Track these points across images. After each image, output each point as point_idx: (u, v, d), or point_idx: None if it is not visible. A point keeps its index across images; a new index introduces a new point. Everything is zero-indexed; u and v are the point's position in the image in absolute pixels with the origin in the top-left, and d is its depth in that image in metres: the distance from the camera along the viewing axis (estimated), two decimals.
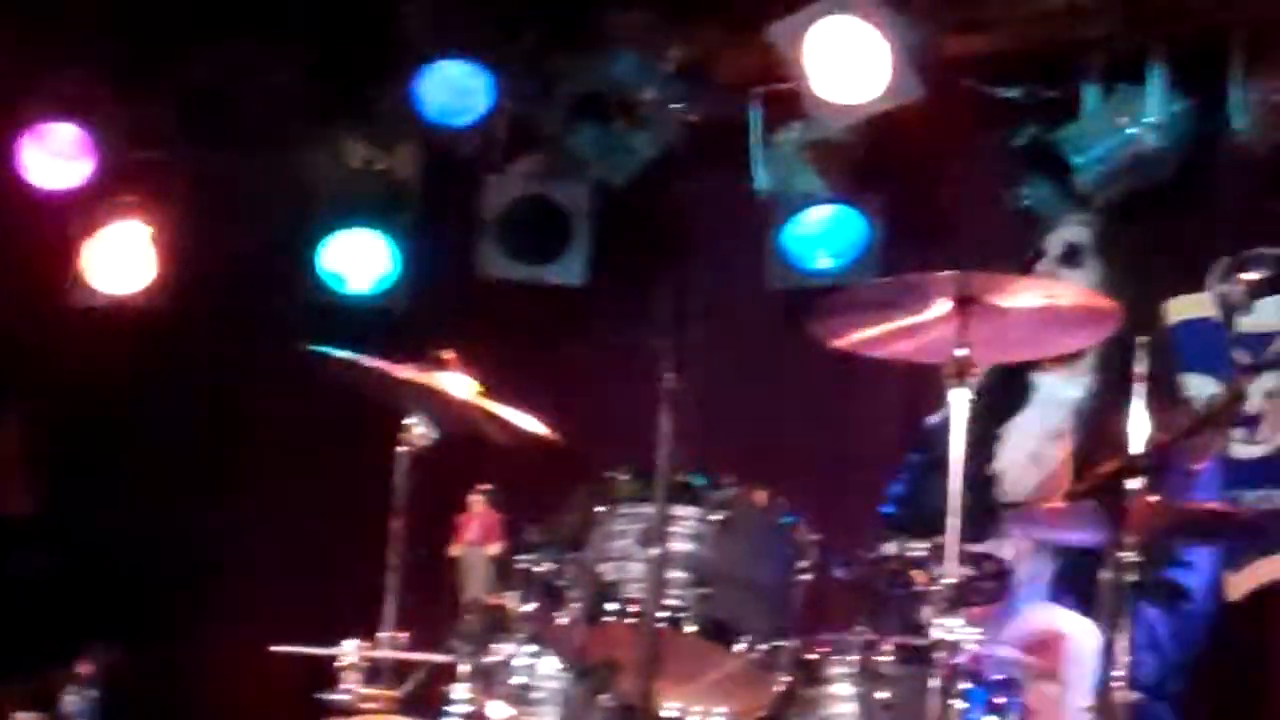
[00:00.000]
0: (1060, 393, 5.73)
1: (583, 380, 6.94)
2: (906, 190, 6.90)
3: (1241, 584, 6.36)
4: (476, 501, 5.37)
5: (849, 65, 6.40)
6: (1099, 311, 4.99)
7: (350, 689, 4.94)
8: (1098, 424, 5.58)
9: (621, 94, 7.03)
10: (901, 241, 6.83)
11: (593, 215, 7.27)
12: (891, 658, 4.89)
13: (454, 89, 7.18)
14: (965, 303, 4.82)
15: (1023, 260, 5.77)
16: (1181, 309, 6.48)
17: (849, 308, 5.11)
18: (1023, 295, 4.93)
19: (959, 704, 4.73)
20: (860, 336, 5.06)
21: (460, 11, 7.05)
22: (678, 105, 7.02)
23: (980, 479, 5.47)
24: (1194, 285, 6.38)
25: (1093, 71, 6.57)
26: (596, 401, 6.56)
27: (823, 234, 6.96)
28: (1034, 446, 5.67)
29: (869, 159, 6.86)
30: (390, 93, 7.28)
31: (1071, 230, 5.83)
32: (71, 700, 6.25)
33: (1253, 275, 5.43)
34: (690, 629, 4.90)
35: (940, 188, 6.85)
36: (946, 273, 4.88)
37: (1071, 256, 5.77)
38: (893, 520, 5.57)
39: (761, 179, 7.04)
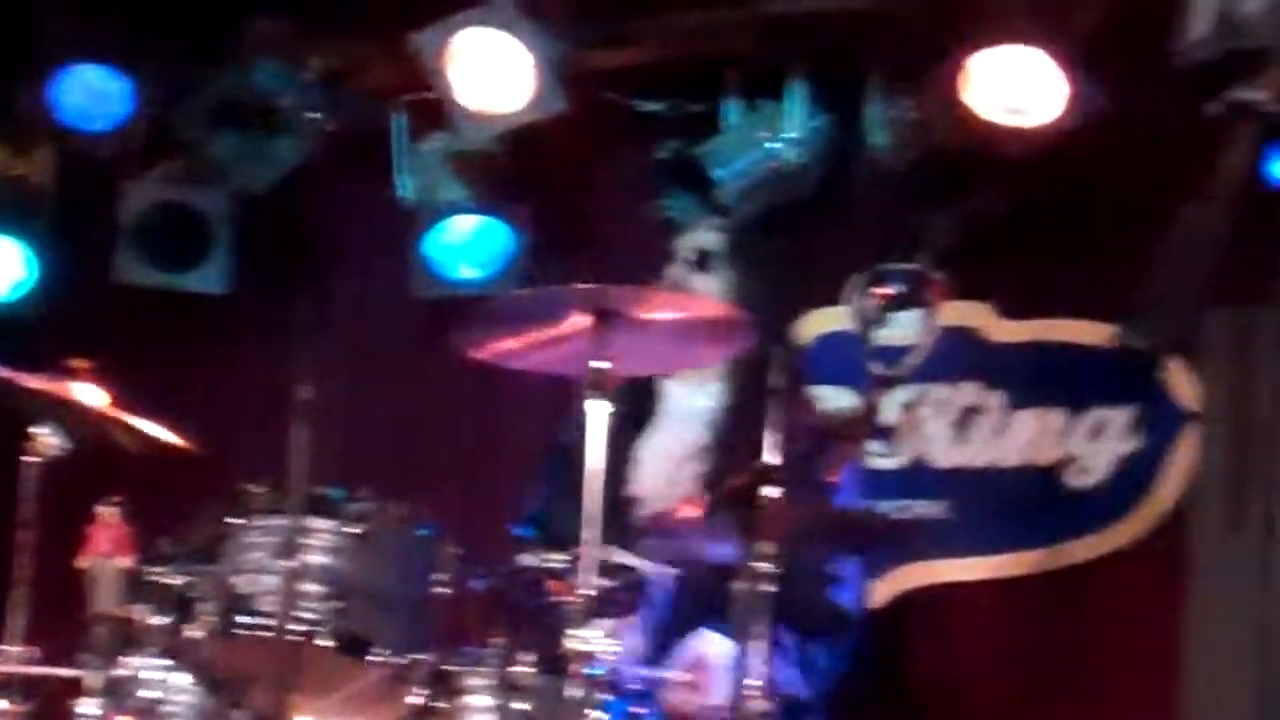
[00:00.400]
0: (690, 404, 5.78)
1: (222, 390, 6.91)
2: (551, 202, 6.93)
3: (883, 592, 6.50)
4: (106, 513, 5.19)
5: (492, 76, 6.42)
6: (734, 324, 5.02)
7: None
8: (730, 435, 5.65)
9: (261, 101, 6.97)
10: (546, 253, 6.89)
11: (233, 222, 7.19)
12: (530, 669, 4.91)
13: (91, 93, 7.03)
14: (604, 316, 4.84)
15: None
16: (820, 322, 6.60)
17: (490, 319, 5.09)
18: (660, 308, 4.98)
19: (597, 714, 4.76)
20: (502, 348, 5.06)
21: (98, 15, 6.91)
22: (318, 114, 7.00)
23: (617, 502, 5.52)
24: (832, 299, 6.43)
25: (734, 87, 6.65)
26: (235, 411, 6.51)
27: (467, 244, 6.99)
28: (670, 469, 5.72)
29: (514, 170, 6.89)
30: (26, 96, 7.11)
31: (703, 236, 5.88)
32: None
33: (888, 290, 5.57)
34: (325, 642, 4.86)
35: (585, 200, 6.92)
36: (584, 285, 4.90)
37: (702, 262, 5.80)
38: (527, 543, 5.47)
39: (406, 188, 7.04)
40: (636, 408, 5.60)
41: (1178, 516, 6.08)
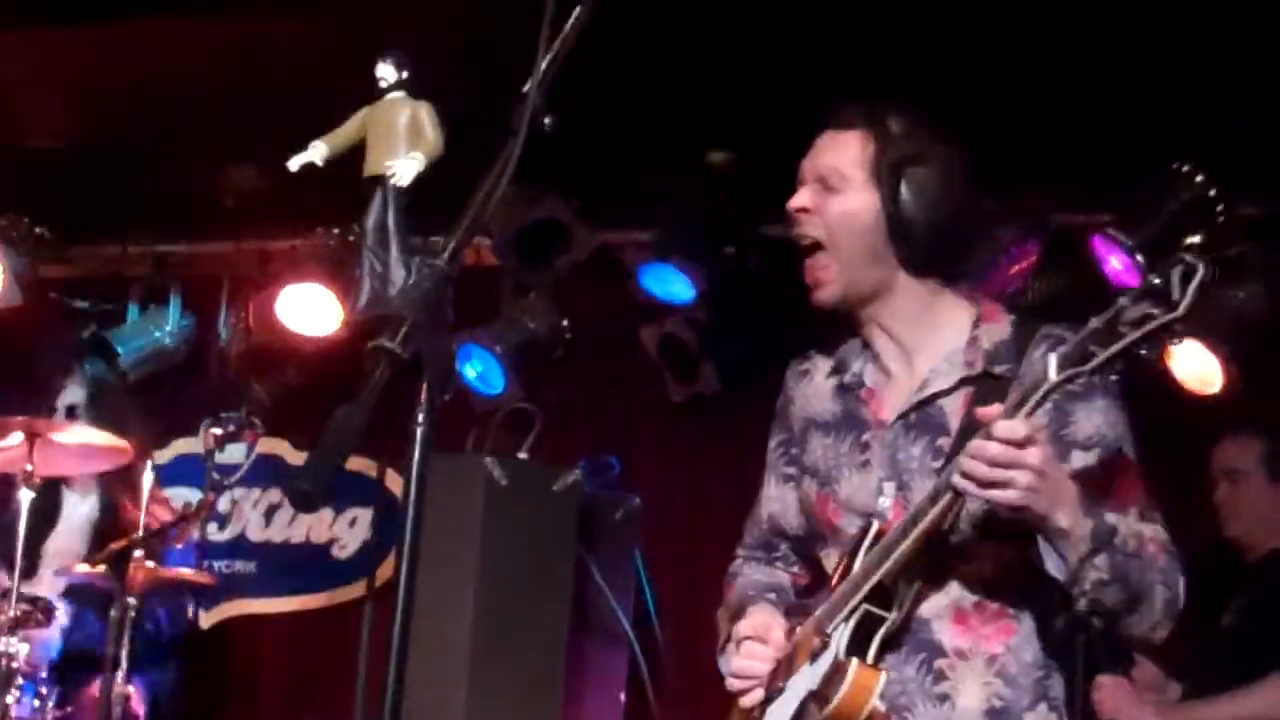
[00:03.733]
0: (79, 508, 5.77)
1: None
2: (8, 360, 6.75)
3: (210, 619, 6.59)
4: None
5: None
6: (117, 448, 5.32)
7: None
8: (107, 520, 5.71)
9: None
10: (3, 391, 6.51)
11: None
12: None
13: None
14: (32, 436, 5.09)
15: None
16: (180, 446, 6.73)
17: None
18: (69, 433, 5.29)
19: (15, 692, 4.93)
20: None
21: None
22: None
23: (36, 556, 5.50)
24: (190, 431, 6.57)
25: (135, 295, 6.77)
26: None
27: None
28: (68, 542, 5.67)
29: None
30: None
31: (71, 392, 5.95)
32: None
33: (223, 430, 5.79)
34: None
35: (30, 361, 6.65)
36: (20, 417, 5.17)
37: (70, 411, 5.90)
38: None
39: None
40: (48, 504, 5.51)
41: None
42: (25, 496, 4.97)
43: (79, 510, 5.73)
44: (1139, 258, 5.21)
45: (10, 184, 6.17)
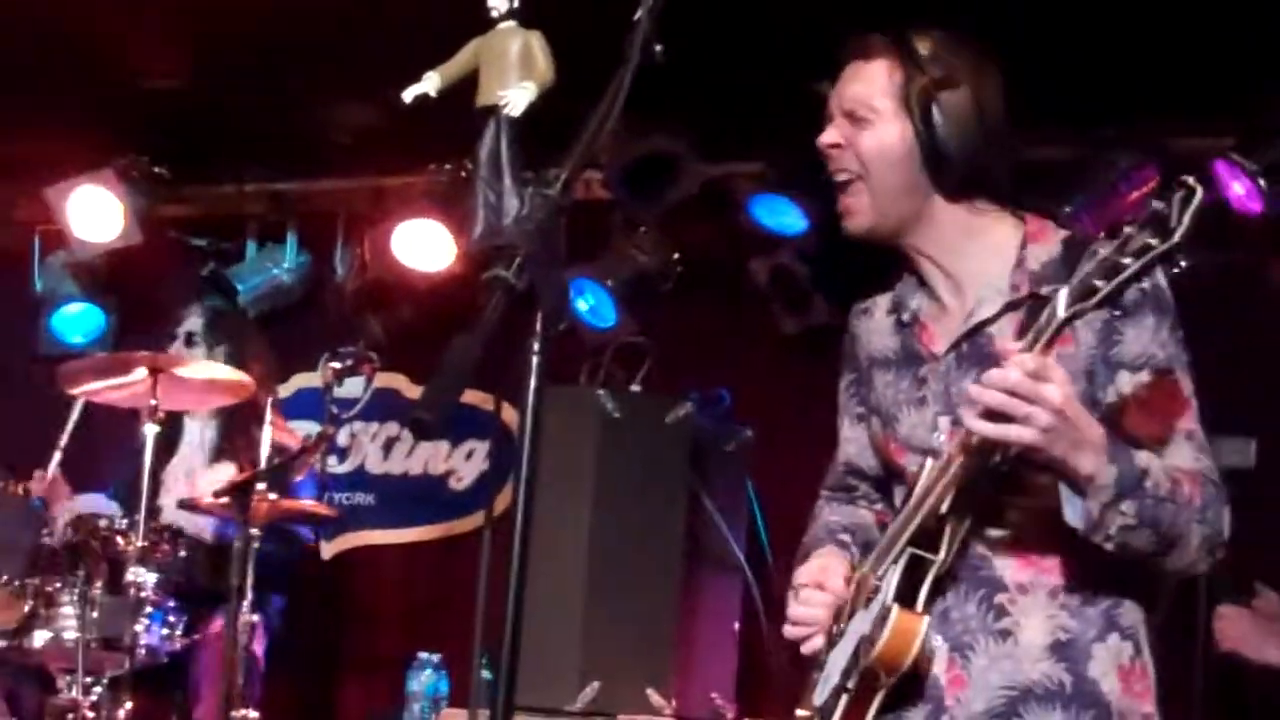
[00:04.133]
0: (200, 435, 5.74)
1: None
2: (131, 296, 6.98)
3: (331, 550, 6.69)
4: None
5: (97, 217, 6.50)
6: (239, 382, 5.33)
7: None
8: (227, 451, 5.65)
9: None
10: (128, 330, 6.91)
11: None
12: (99, 590, 5.01)
13: None
14: (155, 371, 5.11)
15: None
16: (299, 381, 6.76)
17: (84, 370, 5.31)
18: (191, 369, 5.29)
19: (145, 620, 5.01)
20: (89, 388, 5.27)
21: None
22: None
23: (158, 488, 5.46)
24: (311, 366, 6.55)
25: (251, 233, 6.85)
26: None
27: (76, 320, 7.01)
28: (189, 472, 5.63)
29: (108, 276, 6.93)
30: None
31: (190, 321, 5.85)
32: None
33: (340, 363, 5.62)
34: None
35: (153, 299, 6.68)
36: (143, 352, 5.23)
37: (190, 338, 5.78)
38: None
39: (38, 284, 7.07)
40: (169, 433, 5.50)
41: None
42: (150, 431, 5.03)
43: (200, 438, 5.71)
44: (1262, 183, 5.11)
45: (128, 124, 6.25)
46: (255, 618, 5.09)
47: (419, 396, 2.14)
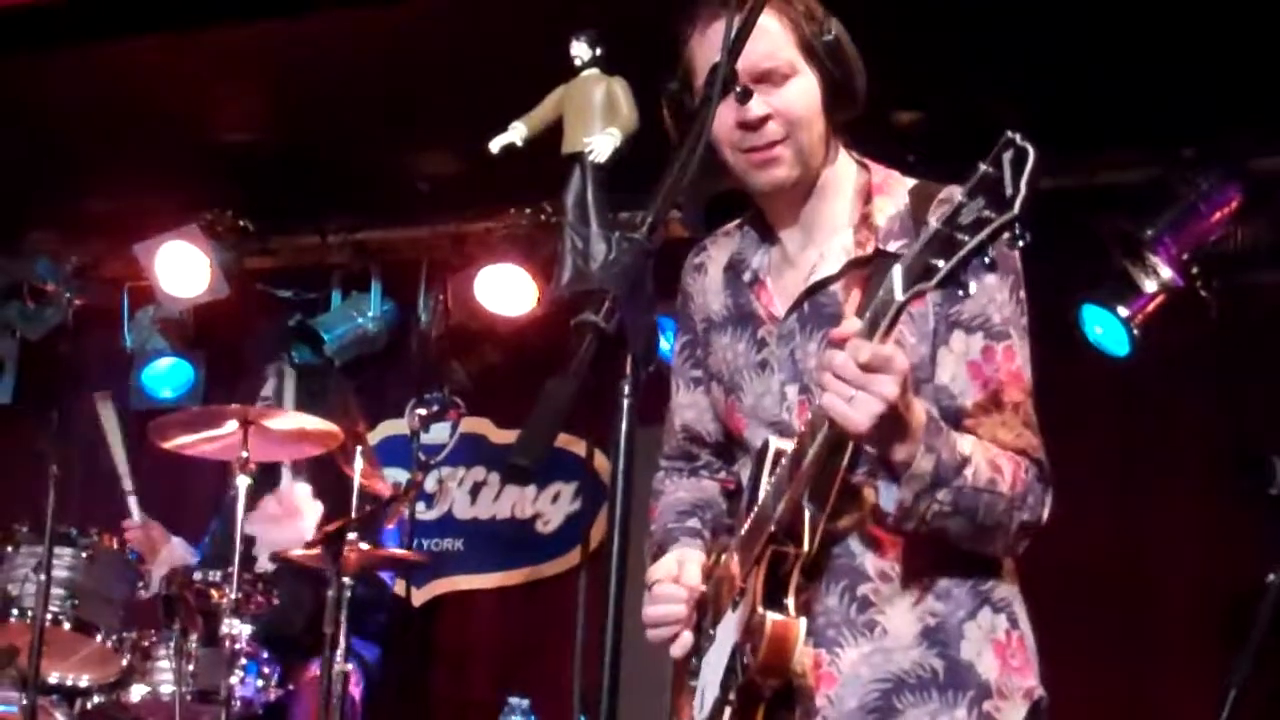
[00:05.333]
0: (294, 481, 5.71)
1: (5, 468, 6.71)
2: (219, 349, 7.02)
3: (421, 596, 6.69)
4: None
5: (184, 272, 6.53)
6: (328, 431, 5.28)
7: None
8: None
9: (36, 283, 7.02)
10: (216, 382, 6.92)
11: (18, 360, 7.23)
12: (195, 643, 5.01)
13: None
14: (245, 423, 5.11)
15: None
16: (387, 428, 6.78)
17: (175, 424, 5.30)
18: (281, 420, 5.26)
19: (240, 672, 4.97)
20: (180, 441, 5.28)
21: None
22: (71, 292, 7.08)
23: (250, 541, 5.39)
24: (397, 413, 6.54)
25: (336, 283, 6.86)
26: (13, 482, 6.29)
27: (165, 375, 7.04)
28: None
29: (196, 331, 7.00)
30: None
31: (272, 382, 5.94)
32: None
33: (423, 411, 5.73)
34: (66, 625, 5.06)
35: (240, 351, 6.83)
36: (235, 406, 5.23)
37: (278, 394, 5.85)
38: (203, 563, 5.47)
39: (128, 339, 7.10)
40: (265, 483, 5.53)
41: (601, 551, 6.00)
42: (242, 483, 5.04)
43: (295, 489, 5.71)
44: None
45: (211, 179, 6.30)
46: (350, 666, 5.06)
47: (515, 442, 2.13)
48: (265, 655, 5.13)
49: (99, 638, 5.08)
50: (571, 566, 6.42)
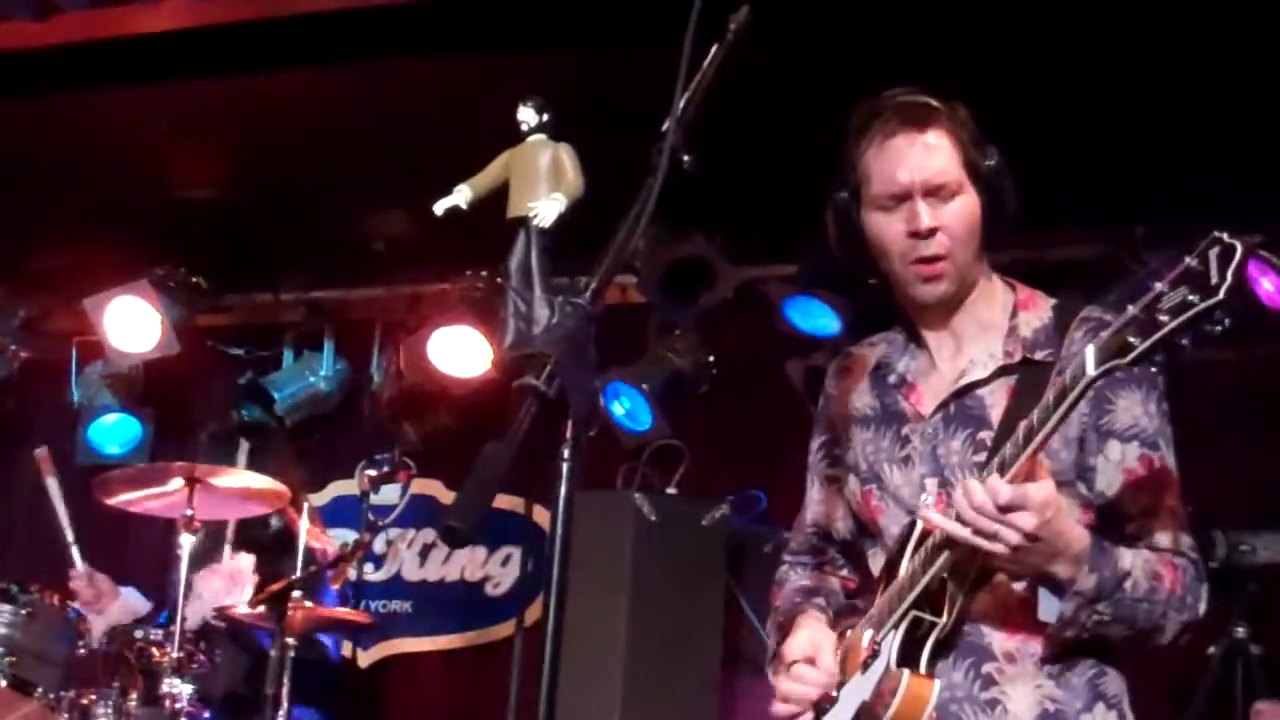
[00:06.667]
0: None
1: None
2: (168, 406, 6.97)
3: (368, 658, 6.69)
4: None
5: (134, 327, 6.52)
6: (275, 491, 5.28)
7: None
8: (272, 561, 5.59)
9: None
10: (165, 439, 6.94)
11: None
12: (135, 702, 4.99)
13: None
14: (191, 481, 5.11)
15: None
16: (337, 488, 6.82)
17: (120, 480, 5.29)
18: (227, 478, 5.23)
19: None
20: (125, 498, 5.26)
21: None
22: (17, 345, 7.05)
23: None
24: (348, 474, 6.58)
25: (289, 342, 6.88)
26: None
27: (112, 430, 7.02)
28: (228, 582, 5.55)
29: (145, 386, 6.98)
30: None
31: (222, 431, 6.10)
32: None
33: (373, 472, 5.63)
34: (3, 683, 5.01)
35: (190, 408, 6.90)
36: (180, 463, 5.24)
37: (223, 448, 6.03)
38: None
39: (76, 394, 7.10)
40: (210, 543, 5.55)
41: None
42: (186, 541, 5.00)
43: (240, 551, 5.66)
44: None
45: (164, 235, 6.28)
46: None
47: (450, 505, 2.13)
48: (206, 716, 5.07)
49: (37, 696, 5.01)
50: (514, 630, 6.29)
